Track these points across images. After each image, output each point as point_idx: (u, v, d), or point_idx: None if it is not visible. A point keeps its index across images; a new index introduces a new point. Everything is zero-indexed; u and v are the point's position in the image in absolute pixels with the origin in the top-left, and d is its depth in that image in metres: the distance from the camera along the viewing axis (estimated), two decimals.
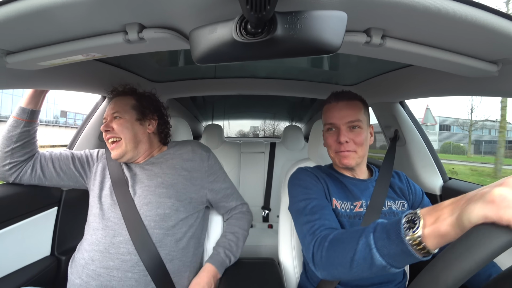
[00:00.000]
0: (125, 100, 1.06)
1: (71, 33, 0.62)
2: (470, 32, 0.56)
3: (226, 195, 1.12)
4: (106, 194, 0.97)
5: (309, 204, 0.85)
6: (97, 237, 0.89)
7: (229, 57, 0.48)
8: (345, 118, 0.91)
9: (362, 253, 0.57)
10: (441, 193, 1.31)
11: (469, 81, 0.86)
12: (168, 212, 0.93)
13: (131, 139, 1.01)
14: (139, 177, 1.00)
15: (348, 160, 0.91)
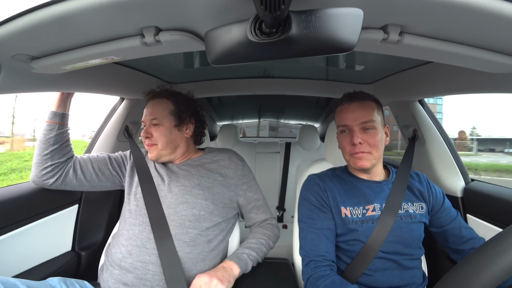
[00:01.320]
0: (163, 104, 1.06)
1: (91, 37, 0.64)
2: (493, 25, 0.54)
3: (256, 206, 1.12)
4: (143, 194, 0.99)
5: (308, 236, 0.92)
6: (134, 233, 0.92)
7: (244, 57, 0.48)
8: (359, 119, 0.89)
9: None
10: (463, 195, 1.26)
11: (494, 77, 0.82)
12: (203, 213, 0.95)
13: (168, 145, 1.04)
14: (176, 175, 1.03)
15: (363, 162, 0.90)
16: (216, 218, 0.98)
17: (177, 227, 0.92)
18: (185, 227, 0.92)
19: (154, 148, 1.03)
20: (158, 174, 1.05)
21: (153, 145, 1.03)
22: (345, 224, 0.89)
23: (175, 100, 1.08)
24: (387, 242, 0.85)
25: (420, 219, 0.91)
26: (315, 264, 0.86)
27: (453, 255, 0.94)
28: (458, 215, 0.96)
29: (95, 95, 1.24)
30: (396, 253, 0.87)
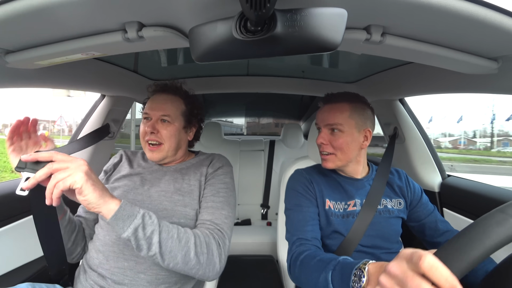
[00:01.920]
0: (177, 102, 1.00)
1: (70, 31, 0.62)
2: (470, 29, 0.56)
3: (208, 207, 0.90)
4: (120, 194, 0.92)
5: (296, 217, 0.91)
6: (111, 238, 0.87)
7: (229, 55, 0.48)
8: (326, 121, 0.93)
9: (322, 284, 0.65)
10: (440, 190, 1.31)
11: (469, 78, 0.86)
12: (183, 221, 0.88)
13: (174, 147, 0.98)
14: (159, 180, 0.96)
15: (326, 163, 0.94)
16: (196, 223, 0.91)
17: None
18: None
19: (161, 149, 0.95)
20: (139, 175, 0.98)
21: (159, 145, 0.95)
22: (328, 216, 0.91)
23: (189, 102, 1.03)
24: (366, 236, 0.88)
25: (398, 215, 0.95)
26: (301, 241, 0.85)
27: (430, 248, 0.98)
28: (434, 209, 1.00)
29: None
30: (375, 247, 0.89)
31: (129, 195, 0.91)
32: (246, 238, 1.82)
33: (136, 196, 0.91)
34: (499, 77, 0.79)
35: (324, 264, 0.68)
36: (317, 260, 0.72)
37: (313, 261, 0.73)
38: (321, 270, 0.67)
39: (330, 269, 0.65)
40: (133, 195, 0.91)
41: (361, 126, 0.92)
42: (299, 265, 0.77)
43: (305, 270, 0.74)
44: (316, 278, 0.68)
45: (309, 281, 0.71)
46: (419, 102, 49.01)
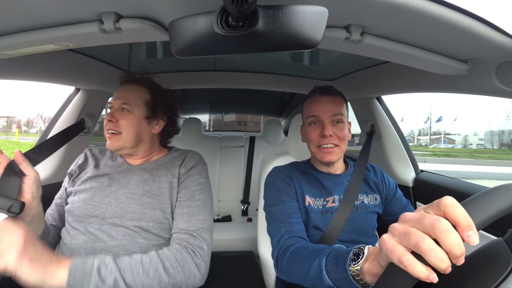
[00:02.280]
0: (140, 92, 0.96)
1: (41, 20, 0.58)
2: (443, 32, 0.59)
3: (183, 214, 0.87)
4: (87, 197, 0.88)
5: (279, 211, 0.90)
6: (77, 242, 0.82)
7: (209, 50, 0.47)
8: (330, 111, 0.92)
9: (314, 272, 0.64)
10: (413, 185, 1.37)
11: (441, 78, 0.90)
12: (152, 224, 0.85)
13: (133, 137, 0.92)
14: (127, 180, 0.92)
15: (331, 156, 0.93)
16: (170, 228, 0.88)
17: (125, 237, 0.83)
18: (134, 237, 0.83)
19: (118, 138, 0.90)
20: (107, 176, 0.93)
21: (117, 134, 0.90)
22: (308, 212, 0.92)
23: (154, 92, 0.99)
24: (344, 231, 0.90)
25: (373, 210, 0.98)
26: (289, 234, 0.83)
27: None
28: (408, 204, 1.04)
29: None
30: (352, 241, 0.92)
31: (95, 198, 0.87)
32: (226, 234, 1.82)
33: (103, 199, 0.87)
34: (468, 78, 0.83)
35: (317, 252, 0.67)
36: (310, 249, 0.71)
37: (305, 251, 0.71)
38: (313, 258, 0.66)
39: (324, 255, 0.63)
40: (99, 198, 0.87)
41: (347, 119, 0.98)
42: (288, 256, 0.75)
43: (296, 261, 0.72)
44: (308, 267, 0.66)
45: (300, 271, 0.69)
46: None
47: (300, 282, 0.70)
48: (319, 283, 0.62)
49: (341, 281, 0.56)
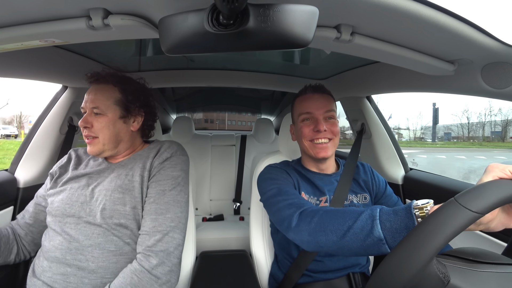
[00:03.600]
0: (108, 91, 0.92)
1: (26, 15, 0.57)
2: (431, 33, 0.60)
3: (148, 205, 0.85)
4: (65, 197, 0.87)
5: (283, 188, 0.87)
6: (54, 243, 0.82)
7: (200, 48, 0.47)
8: (323, 108, 0.95)
9: (362, 223, 0.59)
10: (403, 183, 1.40)
11: (429, 78, 0.91)
12: (124, 221, 0.83)
13: (111, 139, 0.90)
14: (104, 177, 0.90)
15: (325, 152, 0.93)
16: (140, 222, 0.86)
17: (100, 235, 0.81)
18: (108, 235, 0.81)
19: (96, 142, 0.89)
20: (86, 176, 0.92)
21: (94, 139, 0.89)
22: None
23: (123, 88, 0.94)
24: None
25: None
26: (309, 205, 0.77)
27: None
28: (398, 200, 1.06)
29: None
30: None
31: (73, 197, 0.86)
32: (219, 233, 1.82)
33: (79, 198, 0.86)
34: (455, 79, 0.85)
35: (358, 211, 0.62)
36: (349, 209, 0.66)
37: (343, 210, 0.66)
38: (358, 213, 0.61)
39: (376, 208, 0.60)
40: (76, 197, 0.86)
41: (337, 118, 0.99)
42: (322, 213, 0.68)
43: (334, 216, 0.65)
44: (353, 218, 0.61)
45: (341, 223, 0.62)
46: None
47: (333, 240, 0.63)
48: (363, 237, 0.58)
49: (396, 232, 0.54)
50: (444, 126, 42.49)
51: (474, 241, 0.99)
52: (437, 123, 37.65)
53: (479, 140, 35.22)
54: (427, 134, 41.99)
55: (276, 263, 1.06)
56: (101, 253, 0.80)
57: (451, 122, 44.81)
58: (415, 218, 0.52)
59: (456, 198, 0.45)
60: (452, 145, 31.09)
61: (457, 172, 12.92)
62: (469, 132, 37.92)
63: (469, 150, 24.34)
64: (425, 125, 45.90)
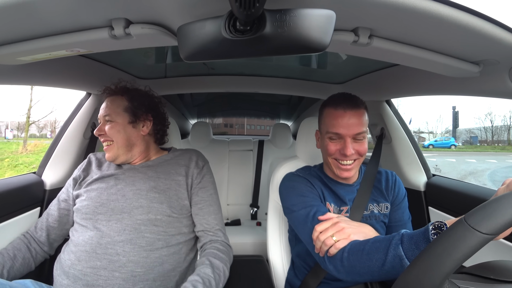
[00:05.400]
0: (117, 101, 1.02)
1: (54, 27, 0.60)
2: (454, 34, 0.58)
3: (207, 210, 1.00)
4: (94, 195, 0.94)
5: (311, 211, 0.84)
6: (84, 238, 0.87)
7: (217, 54, 0.48)
8: (353, 130, 0.86)
9: (392, 263, 0.61)
10: (425, 189, 1.34)
11: (452, 81, 0.88)
12: (160, 217, 0.91)
13: (123, 143, 0.99)
14: (132, 178, 0.97)
15: (349, 173, 0.89)
16: (176, 223, 0.94)
17: (132, 231, 0.87)
18: (141, 231, 0.88)
19: (111, 148, 0.98)
20: (113, 176, 0.99)
21: (110, 145, 0.99)
22: None
23: (130, 97, 1.03)
24: None
25: (383, 219, 0.95)
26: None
27: None
28: (408, 221, 0.99)
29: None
30: None
31: (103, 196, 0.93)
32: (235, 238, 1.82)
33: (109, 196, 0.93)
34: (480, 81, 0.82)
35: (382, 243, 0.65)
36: (372, 243, 0.68)
37: (367, 246, 0.68)
38: (384, 249, 0.63)
39: (397, 244, 0.62)
40: (106, 195, 0.93)
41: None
42: (347, 256, 0.70)
43: (361, 258, 0.67)
44: (381, 259, 0.63)
45: (370, 267, 0.65)
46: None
47: (370, 279, 0.68)
48: (395, 273, 0.61)
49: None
50: (466, 130, 40.83)
51: (499, 248, 0.93)
52: (457, 127, 36.20)
53: (503, 144, 33.68)
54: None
55: (292, 270, 1.04)
56: (132, 248, 0.85)
57: (473, 126, 42.86)
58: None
59: (466, 218, 0.42)
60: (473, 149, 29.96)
61: (457, 173, 13.40)
62: (493, 136, 36.18)
63: (485, 154, 23.39)
64: (446, 128, 44.27)
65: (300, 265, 0.99)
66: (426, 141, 37.27)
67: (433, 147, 4.62)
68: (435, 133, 44.37)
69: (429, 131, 45.72)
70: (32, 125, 17.23)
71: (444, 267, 0.39)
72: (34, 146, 13.04)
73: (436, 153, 22.76)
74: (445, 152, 24.74)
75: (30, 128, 16.15)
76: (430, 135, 44.33)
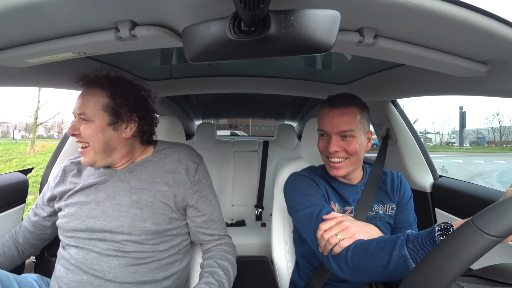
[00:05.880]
0: (95, 96, 0.84)
1: (61, 29, 0.61)
2: (460, 33, 0.57)
3: (209, 220, 0.93)
4: (73, 211, 0.84)
5: (315, 210, 0.84)
6: (70, 252, 0.81)
7: (222, 55, 0.48)
8: (337, 127, 0.87)
9: (396, 264, 0.61)
10: (432, 190, 1.33)
11: (459, 81, 0.87)
12: (144, 237, 0.81)
13: (101, 148, 0.83)
14: (113, 189, 0.86)
15: (337, 171, 0.90)
16: (164, 237, 0.85)
17: (116, 250, 0.79)
18: (126, 250, 0.79)
19: (88, 151, 0.83)
20: (93, 187, 0.87)
21: (86, 147, 0.84)
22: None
23: (112, 92, 0.85)
24: None
25: (388, 220, 0.94)
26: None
27: None
28: (414, 223, 0.98)
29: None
30: None
31: (82, 212, 0.83)
32: (240, 239, 1.81)
33: (89, 212, 0.82)
34: (488, 80, 0.80)
35: (387, 243, 0.64)
36: (376, 243, 0.67)
37: (371, 246, 0.67)
38: (389, 249, 0.63)
39: (402, 244, 0.61)
40: (86, 211, 0.83)
41: (366, 128, 0.92)
42: (352, 255, 0.70)
43: (365, 257, 0.67)
44: (385, 259, 0.63)
45: (375, 265, 0.64)
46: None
47: (374, 278, 0.67)
48: (400, 273, 0.60)
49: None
50: (473, 130, 40.31)
51: (508, 251, 0.92)
52: (465, 127, 35.72)
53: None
54: (456, 139, 40.37)
55: (297, 271, 1.04)
56: (118, 263, 0.79)
57: (481, 126, 42.17)
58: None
59: (473, 220, 0.41)
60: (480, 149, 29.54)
61: (464, 174, 13.51)
62: (501, 136, 35.61)
63: (493, 155, 23.14)
64: (453, 129, 43.74)
65: (305, 266, 0.99)
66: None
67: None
68: (442, 133, 43.99)
69: (435, 131, 45.23)
70: (39, 126, 17.47)
71: (451, 269, 0.38)
72: (41, 146, 13.21)
73: (442, 154, 22.66)
74: (452, 153, 24.60)
75: (38, 129, 16.38)
76: (436, 135, 43.92)
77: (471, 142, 38.56)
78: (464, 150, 28.58)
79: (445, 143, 41.37)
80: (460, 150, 29.28)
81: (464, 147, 33.06)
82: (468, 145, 36.34)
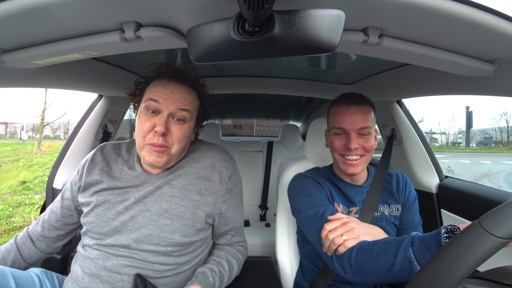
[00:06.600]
0: (191, 95, 0.80)
1: (67, 31, 0.61)
2: (467, 32, 0.57)
3: (233, 228, 0.92)
4: (100, 211, 0.79)
5: (319, 211, 0.84)
6: (90, 255, 0.78)
7: (227, 56, 0.48)
8: (357, 124, 0.87)
9: (401, 265, 0.60)
10: (437, 191, 1.31)
11: (465, 80, 0.86)
12: (171, 249, 0.77)
13: (179, 150, 0.79)
14: (144, 194, 0.80)
15: (355, 168, 0.89)
16: (189, 249, 0.82)
17: (138, 261, 0.75)
18: (149, 261, 0.76)
19: (167, 153, 0.77)
20: (124, 189, 0.81)
21: (166, 149, 0.76)
22: None
23: (200, 94, 0.83)
24: None
25: (394, 221, 0.93)
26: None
27: None
28: (419, 224, 0.97)
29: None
30: None
31: (109, 213, 0.78)
32: None
33: (117, 216, 0.78)
34: (495, 79, 0.79)
35: (391, 245, 0.64)
36: (381, 244, 0.67)
37: (376, 247, 0.67)
38: (393, 251, 0.62)
39: (407, 246, 0.60)
40: (113, 214, 0.78)
41: (375, 126, 0.94)
42: (356, 256, 0.69)
43: (369, 258, 0.66)
44: (389, 260, 0.62)
45: (379, 266, 0.64)
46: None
47: (377, 280, 0.67)
48: (405, 275, 0.60)
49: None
50: (480, 130, 39.86)
51: None
52: (471, 127, 35.33)
53: None
54: (462, 139, 40.02)
55: (301, 271, 1.04)
56: (140, 273, 0.76)
57: (488, 126, 41.68)
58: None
59: (480, 221, 0.41)
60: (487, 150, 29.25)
61: (471, 174, 13.43)
62: (508, 137, 35.18)
63: (500, 155, 22.93)
64: (459, 129, 43.32)
65: (309, 266, 0.99)
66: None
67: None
68: (448, 133, 43.66)
69: (441, 131, 44.85)
70: (46, 127, 17.67)
71: (457, 271, 0.38)
72: (48, 147, 13.38)
73: (448, 154, 22.47)
74: (458, 153, 24.38)
75: (44, 129, 16.57)
76: (442, 135, 43.55)
77: (478, 142, 38.24)
78: (470, 150, 28.38)
79: (451, 143, 41.15)
80: (467, 150, 29.04)
81: (470, 148, 32.78)
82: (474, 146, 36.01)
